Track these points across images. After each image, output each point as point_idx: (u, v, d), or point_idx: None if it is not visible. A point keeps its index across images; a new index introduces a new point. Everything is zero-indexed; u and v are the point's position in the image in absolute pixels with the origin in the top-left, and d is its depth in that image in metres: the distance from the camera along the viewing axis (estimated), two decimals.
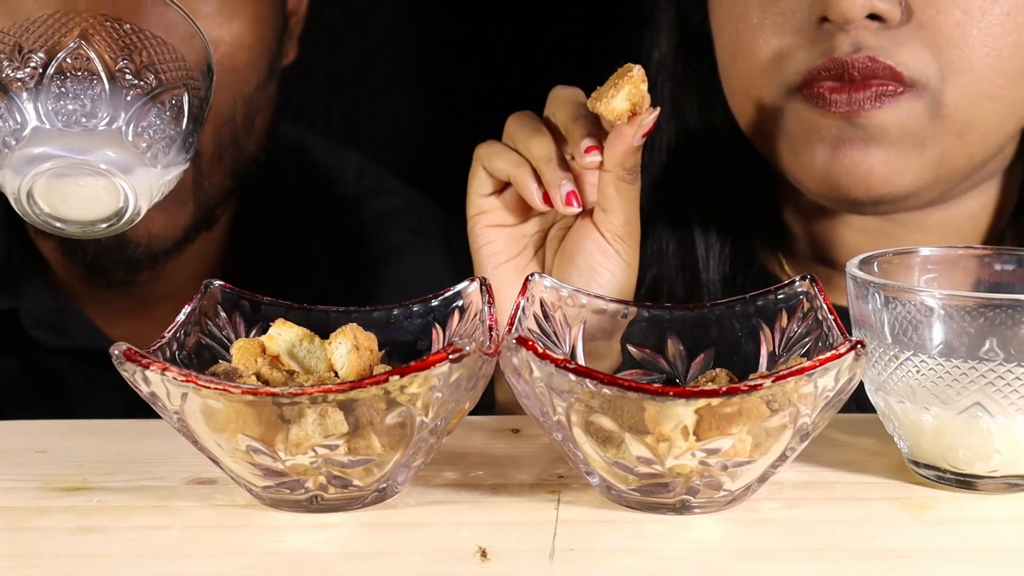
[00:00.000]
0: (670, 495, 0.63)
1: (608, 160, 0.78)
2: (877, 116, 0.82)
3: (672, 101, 0.98)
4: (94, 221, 0.70)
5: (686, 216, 0.99)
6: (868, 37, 0.81)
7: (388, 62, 1.37)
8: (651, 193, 1.00)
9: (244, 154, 1.01)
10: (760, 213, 0.99)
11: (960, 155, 0.85)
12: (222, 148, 0.99)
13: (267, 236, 1.14)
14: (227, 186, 1.02)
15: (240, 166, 1.01)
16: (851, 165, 0.84)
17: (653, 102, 0.78)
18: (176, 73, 0.71)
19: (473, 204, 0.84)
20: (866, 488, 0.68)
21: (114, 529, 0.64)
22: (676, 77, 0.98)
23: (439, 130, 1.38)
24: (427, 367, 0.60)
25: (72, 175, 0.68)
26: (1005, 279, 0.73)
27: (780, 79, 0.85)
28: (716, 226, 0.98)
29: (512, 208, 0.84)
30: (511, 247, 0.84)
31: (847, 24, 0.81)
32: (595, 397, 0.61)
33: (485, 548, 0.61)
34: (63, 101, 0.68)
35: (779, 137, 0.87)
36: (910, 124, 0.82)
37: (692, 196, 0.99)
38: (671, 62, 0.98)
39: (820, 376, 0.60)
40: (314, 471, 0.63)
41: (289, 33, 1.07)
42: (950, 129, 0.83)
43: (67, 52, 0.69)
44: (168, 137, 0.71)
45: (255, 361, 0.68)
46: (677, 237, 0.99)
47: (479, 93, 1.33)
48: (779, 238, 1.00)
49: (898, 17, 0.81)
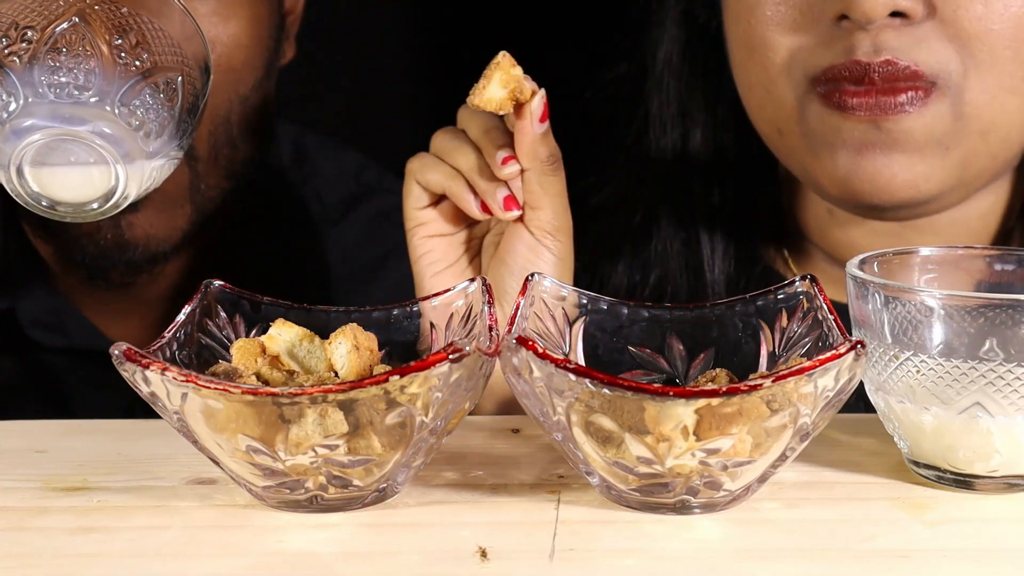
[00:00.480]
0: (670, 495, 0.63)
1: (522, 157, 0.79)
2: (904, 121, 0.82)
3: (678, 101, 0.98)
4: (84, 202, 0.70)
5: (691, 216, 0.99)
6: (889, 37, 0.81)
7: (386, 60, 1.37)
8: (656, 193, 1.00)
9: (240, 155, 1.01)
10: (765, 213, 0.99)
11: (983, 155, 0.85)
12: (217, 149, 0.98)
13: (265, 236, 1.14)
14: (224, 187, 1.02)
15: (236, 167, 1.01)
16: (874, 171, 0.83)
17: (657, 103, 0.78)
18: (172, 58, 0.72)
19: (410, 217, 0.84)
20: (866, 488, 0.68)
21: (114, 529, 0.64)
22: (683, 76, 0.98)
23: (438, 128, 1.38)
24: (427, 367, 0.60)
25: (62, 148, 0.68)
26: (1005, 279, 0.73)
27: (799, 76, 0.85)
28: (721, 226, 0.98)
29: (449, 218, 0.84)
30: (450, 255, 0.84)
31: (869, 23, 0.81)
32: (595, 397, 0.61)
33: (485, 548, 0.61)
34: (56, 75, 0.68)
35: (798, 138, 0.87)
36: (934, 129, 0.82)
37: (697, 196, 0.99)
38: (678, 61, 0.98)
39: (820, 376, 0.60)
40: (314, 471, 0.63)
41: (286, 32, 1.06)
42: (973, 129, 0.83)
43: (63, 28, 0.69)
44: (161, 119, 0.71)
45: (255, 361, 0.68)
46: (682, 237, 0.99)
47: None
48: (785, 237, 0.99)
49: (920, 13, 0.81)
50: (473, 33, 1.34)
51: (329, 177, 1.19)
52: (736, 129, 0.95)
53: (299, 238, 1.16)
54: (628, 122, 1.02)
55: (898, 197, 0.84)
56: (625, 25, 1.02)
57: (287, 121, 1.17)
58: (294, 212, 1.17)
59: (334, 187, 1.19)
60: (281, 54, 1.06)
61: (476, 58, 0.78)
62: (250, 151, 1.02)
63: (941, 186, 0.84)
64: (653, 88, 0.99)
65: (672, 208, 0.99)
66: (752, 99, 0.90)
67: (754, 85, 0.89)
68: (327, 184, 1.19)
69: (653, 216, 0.99)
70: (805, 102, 0.85)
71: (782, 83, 0.86)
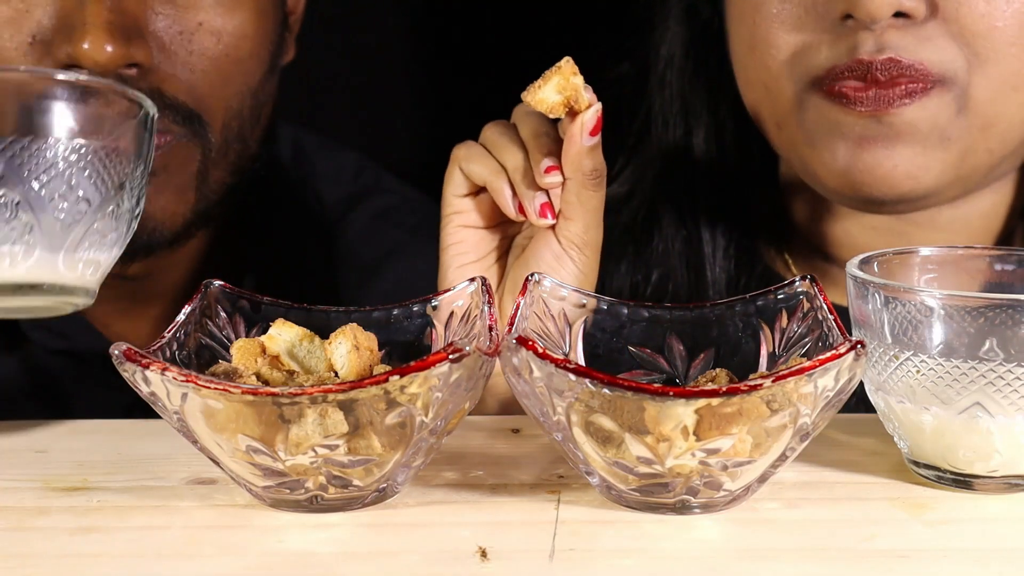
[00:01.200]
0: (670, 495, 0.63)
1: (565, 167, 0.78)
2: (907, 112, 0.82)
3: (681, 98, 0.98)
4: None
5: (693, 214, 0.99)
6: (892, 36, 0.81)
7: (385, 60, 1.37)
8: (658, 191, 1.00)
9: (247, 151, 1.01)
10: (766, 211, 0.99)
11: (981, 150, 0.85)
12: (229, 143, 0.98)
13: (264, 235, 1.14)
14: (228, 182, 1.02)
15: (243, 163, 1.01)
16: (874, 163, 0.84)
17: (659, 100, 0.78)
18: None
19: (449, 203, 0.84)
20: (866, 488, 0.68)
21: (114, 529, 0.64)
22: (685, 73, 0.98)
23: (437, 128, 1.38)
24: (427, 367, 0.60)
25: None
26: (1005, 279, 0.73)
27: (801, 73, 0.85)
28: (722, 224, 0.98)
29: (485, 211, 0.84)
30: (480, 248, 0.84)
31: (873, 23, 0.81)
32: (595, 397, 0.61)
33: (485, 548, 0.61)
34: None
35: (798, 133, 0.87)
36: (938, 119, 0.83)
37: (699, 194, 0.99)
38: (680, 58, 0.98)
39: (820, 376, 0.60)
40: (314, 471, 0.63)
41: (288, 31, 1.07)
42: (975, 123, 0.84)
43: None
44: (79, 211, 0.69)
45: (255, 361, 0.68)
46: (683, 235, 0.99)
47: (478, 91, 1.33)
48: (785, 236, 0.99)
49: (923, 13, 0.81)
50: (473, 31, 1.35)
51: (328, 177, 1.19)
52: (737, 128, 0.95)
53: (297, 238, 1.16)
54: (631, 120, 1.02)
55: (897, 189, 0.84)
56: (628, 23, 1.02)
57: (286, 120, 1.16)
58: (293, 212, 1.16)
59: (333, 187, 1.19)
60: (284, 52, 1.06)
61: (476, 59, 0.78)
62: (255, 148, 1.02)
63: (939, 179, 0.85)
64: (656, 86, 0.99)
65: (674, 206, 0.99)
66: (751, 94, 0.90)
67: (754, 81, 0.89)
68: (326, 184, 1.19)
69: (655, 214, 1.00)
70: (804, 98, 0.85)
71: (782, 80, 0.86)
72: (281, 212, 1.16)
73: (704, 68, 0.97)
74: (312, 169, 1.19)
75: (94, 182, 0.68)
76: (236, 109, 0.98)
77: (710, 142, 0.98)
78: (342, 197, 1.18)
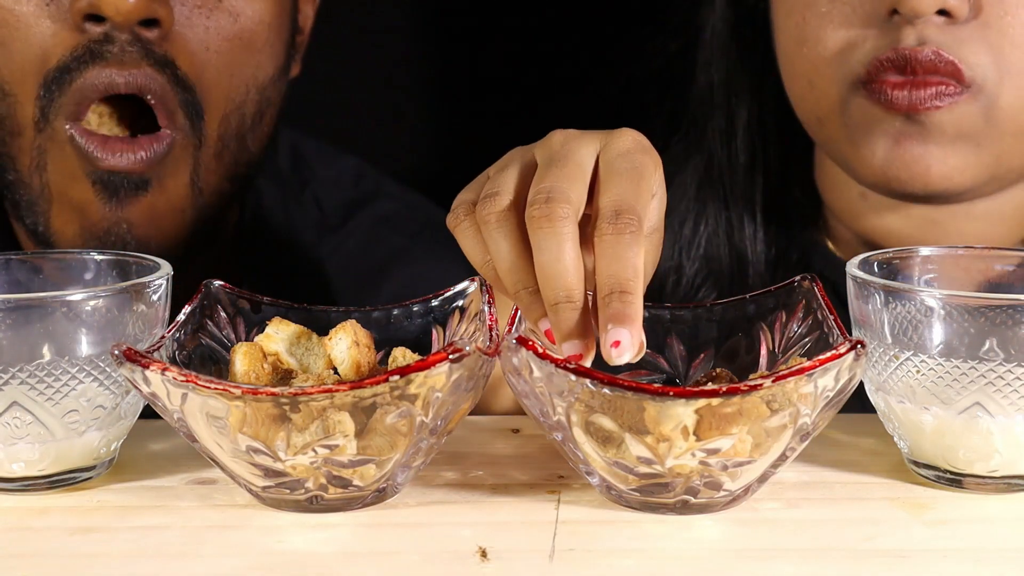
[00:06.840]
0: (670, 495, 0.63)
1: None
2: (935, 115, 0.83)
3: (725, 86, 0.99)
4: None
5: (734, 199, 0.99)
6: (933, 31, 0.82)
7: (387, 66, 1.37)
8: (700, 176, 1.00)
9: (245, 155, 1.00)
10: (806, 196, 1.00)
11: (1018, 155, 0.86)
12: (225, 142, 0.97)
13: (264, 242, 1.14)
14: (224, 190, 1.01)
15: (240, 168, 1.00)
16: (911, 160, 0.85)
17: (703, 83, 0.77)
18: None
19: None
20: (866, 488, 0.68)
21: (114, 529, 0.64)
22: (730, 58, 0.99)
23: (438, 133, 1.38)
24: (427, 367, 0.60)
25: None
26: (1005, 279, 0.73)
27: (846, 70, 0.86)
28: (763, 209, 0.99)
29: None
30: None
31: (916, 18, 0.82)
32: (595, 397, 0.61)
33: (485, 548, 0.61)
34: None
35: (839, 127, 0.88)
36: (964, 126, 0.84)
37: (740, 179, 0.99)
38: (725, 40, 0.99)
39: (820, 376, 0.60)
40: (314, 471, 0.63)
41: (297, 47, 1.06)
42: (1006, 131, 0.85)
43: None
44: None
45: (261, 365, 0.68)
46: (725, 219, 0.99)
47: (480, 95, 1.33)
48: (825, 222, 1.00)
49: (966, 13, 0.82)
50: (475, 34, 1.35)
51: (328, 183, 1.19)
52: (777, 114, 0.96)
53: (298, 244, 1.16)
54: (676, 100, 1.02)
55: (932, 187, 0.85)
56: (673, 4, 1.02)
57: (286, 126, 1.16)
58: (292, 218, 1.16)
59: (333, 193, 1.18)
60: (292, 64, 1.05)
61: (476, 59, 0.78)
62: (254, 152, 1.01)
63: (975, 179, 0.86)
64: (700, 67, 1.00)
65: (715, 192, 0.99)
66: (796, 88, 0.91)
67: (799, 76, 0.90)
68: (326, 190, 1.18)
69: (697, 198, 1.00)
70: (848, 96, 0.86)
71: (828, 76, 0.87)
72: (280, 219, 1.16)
73: (749, 53, 0.98)
74: (312, 175, 1.19)
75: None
76: (238, 103, 0.96)
77: (753, 125, 0.99)
78: (342, 203, 1.18)
